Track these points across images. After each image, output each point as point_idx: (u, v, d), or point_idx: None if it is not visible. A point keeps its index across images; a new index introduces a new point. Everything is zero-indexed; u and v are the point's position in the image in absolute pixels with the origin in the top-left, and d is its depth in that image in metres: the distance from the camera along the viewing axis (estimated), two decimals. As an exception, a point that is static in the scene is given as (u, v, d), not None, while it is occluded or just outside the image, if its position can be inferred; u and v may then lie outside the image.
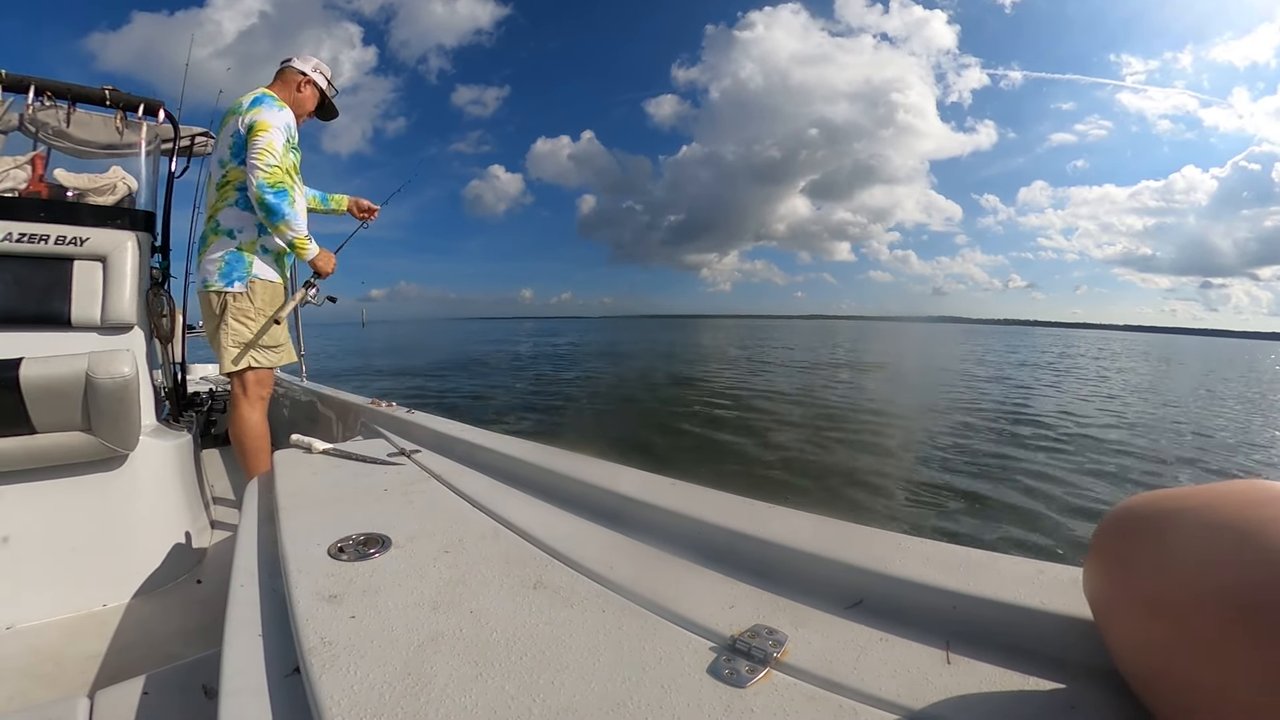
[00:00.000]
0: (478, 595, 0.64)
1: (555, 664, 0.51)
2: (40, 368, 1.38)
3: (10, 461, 1.45)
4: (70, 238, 1.84)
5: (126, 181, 2.03)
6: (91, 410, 1.44)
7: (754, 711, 0.43)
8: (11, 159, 1.99)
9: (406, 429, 1.53)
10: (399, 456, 1.26)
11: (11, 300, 1.81)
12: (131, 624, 1.47)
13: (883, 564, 0.58)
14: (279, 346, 1.98)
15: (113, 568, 1.57)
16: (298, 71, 2.07)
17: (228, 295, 1.89)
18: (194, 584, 1.63)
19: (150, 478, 1.65)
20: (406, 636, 0.56)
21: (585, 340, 37.09)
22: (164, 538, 1.66)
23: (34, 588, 1.49)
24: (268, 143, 1.82)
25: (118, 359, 1.42)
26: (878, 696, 0.43)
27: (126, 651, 1.37)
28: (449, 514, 0.93)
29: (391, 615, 0.60)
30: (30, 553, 1.50)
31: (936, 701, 0.41)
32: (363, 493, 1.04)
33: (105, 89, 2.11)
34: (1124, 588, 0.38)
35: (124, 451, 1.56)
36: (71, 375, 1.39)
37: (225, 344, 1.89)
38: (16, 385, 1.36)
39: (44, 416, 1.42)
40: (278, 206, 1.82)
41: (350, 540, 0.80)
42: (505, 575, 0.69)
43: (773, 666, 0.48)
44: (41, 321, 1.80)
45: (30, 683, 1.27)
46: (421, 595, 0.65)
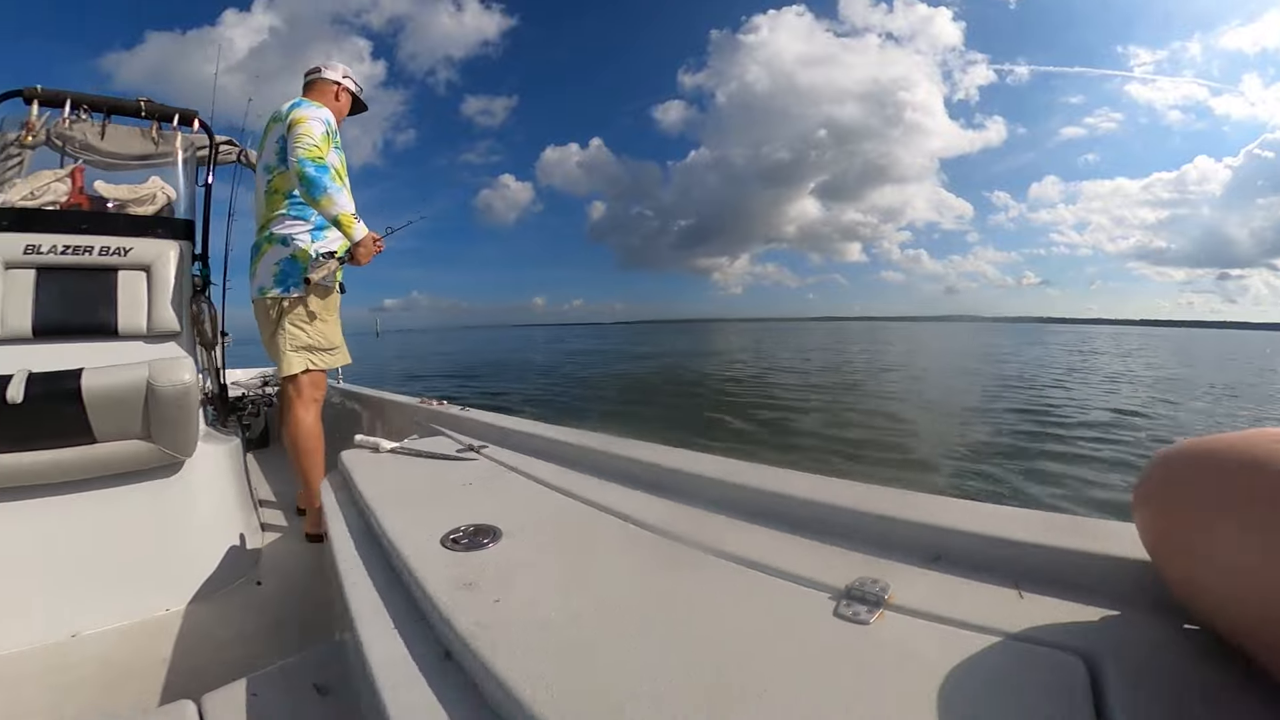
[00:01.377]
0: (603, 574, 0.67)
1: (695, 626, 0.55)
2: (101, 378, 1.39)
3: (71, 471, 1.46)
4: (114, 248, 1.85)
5: (165, 191, 2.04)
6: (152, 418, 1.44)
7: (882, 644, 0.50)
8: (50, 172, 2.01)
9: (465, 426, 1.54)
10: (468, 452, 1.26)
11: (59, 312, 1.82)
12: (195, 628, 1.48)
13: (957, 523, 0.65)
14: (335, 349, 2.00)
15: (172, 573, 1.57)
16: (330, 81, 2.12)
17: (284, 301, 1.91)
18: (253, 586, 1.64)
19: (205, 483, 1.66)
20: (553, 616, 0.58)
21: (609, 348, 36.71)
22: (220, 541, 1.66)
23: (96, 596, 1.49)
24: (307, 129, 1.86)
25: (178, 366, 1.42)
26: (973, 623, 0.51)
27: (193, 656, 1.37)
28: (543, 502, 0.94)
29: (531, 597, 0.62)
30: (91, 561, 1.51)
31: (1022, 628, 0.50)
32: (449, 487, 1.04)
33: (140, 100, 2.12)
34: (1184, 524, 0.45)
35: (182, 458, 1.56)
36: (133, 384, 1.40)
37: (284, 348, 1.91)
38: (79, 396, 1.37)
39: (104, 425, 1.42)
40: (318, 179, 1.81)
41: (460, 531, 0.80)
42: (621, 555, 0.73)
43: (885, 608, 0.55)
44: (89, 332, 1.81)
45: (100, 691, 1.27)
46: (550, 578, 0.67)
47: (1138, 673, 0.43)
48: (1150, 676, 0.42)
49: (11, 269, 1.86)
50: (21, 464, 1.41)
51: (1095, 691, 0.41)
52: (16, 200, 1.92)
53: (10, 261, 1.86)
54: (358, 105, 2.21)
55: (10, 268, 1.86)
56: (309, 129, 1.86)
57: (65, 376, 1.37)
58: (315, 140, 1.85)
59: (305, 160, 1.81)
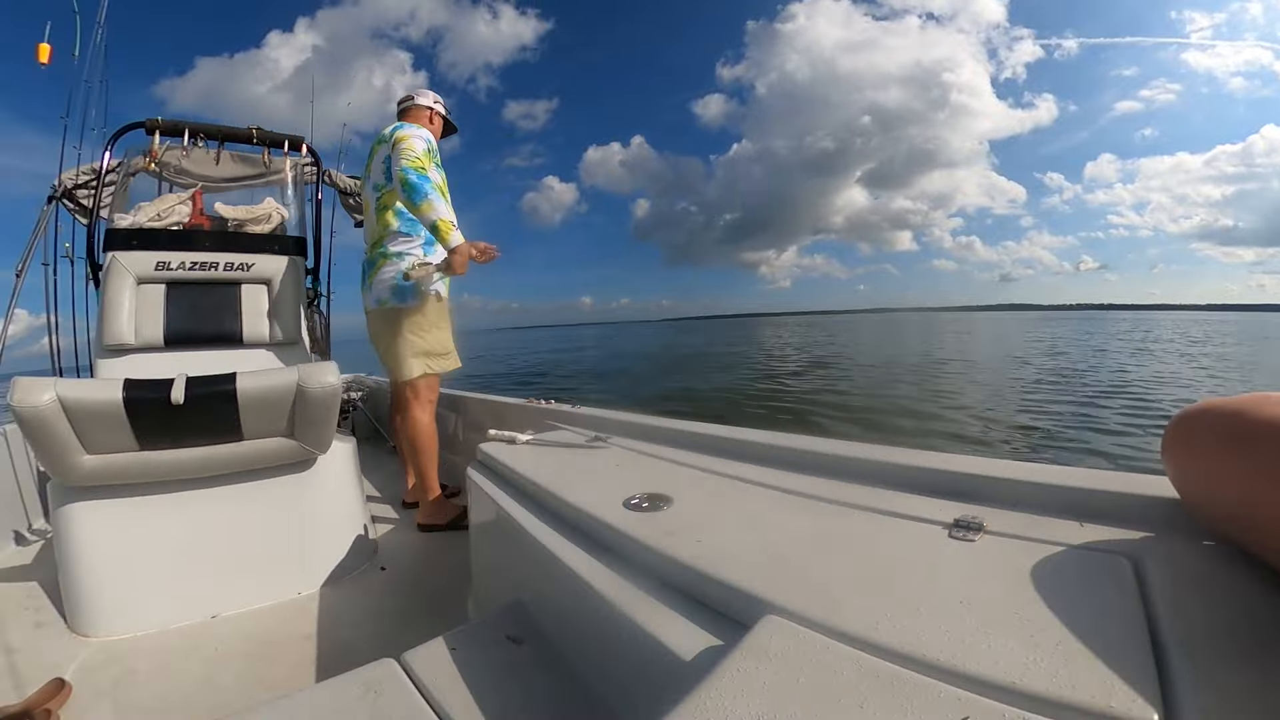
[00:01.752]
0: (771, 524, 0.82)
1: (853, 548, 0.73)
2: (254, 381, 1.53)
3: (219, 466, 1.60)
4: (238, 264, 2.01)
5: (280, 211, 2.22)
6: (297, 417, 1.58)
7: (985, 553, 0.67)
8: (175, 196, 2.19)
9: (580, 420, 1.66)
10: (596, 441, 1.37)
11: (189, 322, 1.99)
12: (328, 609, 1.60)
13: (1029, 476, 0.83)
14: (448, 354, 2.14)
15: (305, 560, 1.70)
16: (423, 107, 2.28)
17: (402, 312, 2.05)
18: (377, 571, 1.76)
19: (333, 477, 1.79)
20: (748, 545, 0.73)
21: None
22: (347, 532, 1.79)
23: (235, 581, 1.62)
24: (410, 145, 2.01)
25: (325, 370, 1.56)
26: (1050, 540, 0.68)
27: (332, 633, 1.48)
28: (690, 477, 1.06)
29: (724, 538, 0.76)
30: (231, 549, 1.64)
31: (1084, 542, 0.67)
32: (599, 468, 1.16)
33: (252, 129, 2.31)
34: (1200, 464, 0.62)
35: (318, 454, 1.70)
36: (284, 387, 1.54)
37: (404, 354, 2.05)
38: (234, 397, 1.51)
39: (253, 424, 1.56)
40: (420, 185, 1.93)
41: (637, 498, 0.91)
42: (778, 511, 0.87)
43: (984, 533, 0.71)
44: (216, 340, 1.97)
45: (248, 663, 1.37)
46: (732, 525, 0.81)
47: (1168, 566, 0.59)
48: (1176, 568, 0.59)
49: (144, 284, 2.04)
50: (178, 459, 1.54)
51: (1139, 579, 0.58)
52: (145, 222, 2.11)
53: (142, 277, 2.04)
54: (449, 128, 2.37)
55: (143, 283, 2.04)
56: (411, 145, 2.01)
57: (222, 380, 1.51)
58: (418, 154, 2.00)
59: (408, 169, 1.95)
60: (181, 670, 1.35)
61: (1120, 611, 0.52)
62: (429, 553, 1.91)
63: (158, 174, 2.34)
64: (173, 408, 1.47)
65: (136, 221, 2.10)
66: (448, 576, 1.71)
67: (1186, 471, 0.65)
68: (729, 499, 0.94)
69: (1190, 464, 0.64)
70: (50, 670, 1.28)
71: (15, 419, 1.38)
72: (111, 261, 2.02)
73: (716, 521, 0.83)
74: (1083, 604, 0.55)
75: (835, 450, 1.06)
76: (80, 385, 1.45)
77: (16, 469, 2.18)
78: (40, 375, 1.53)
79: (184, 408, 1.48)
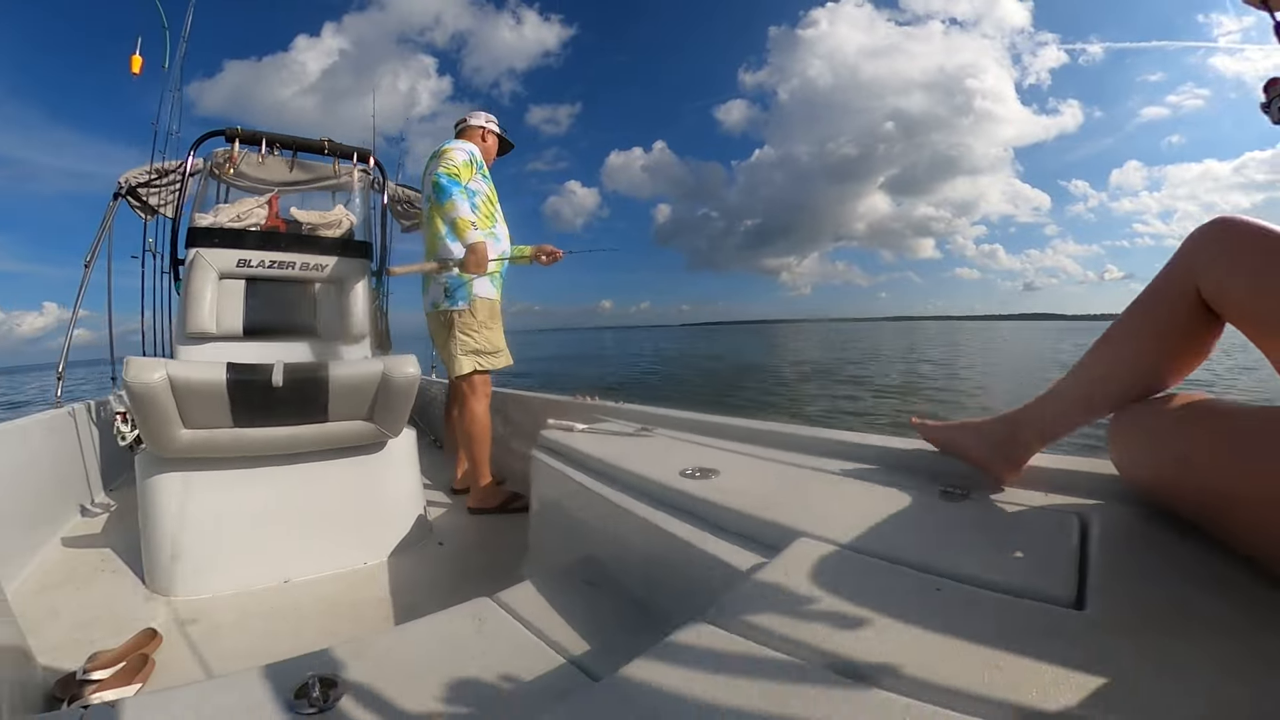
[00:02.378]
0: (805, 487, 1.05)
1: (865, 502, 0.93)
2: (343, 369, 1.71)
3: (304, 445, 1.77)
4: (313, 264, 2.21)
5: (349, 217, 2.41)
6: (378, 403, 1.76)
7: (970, 508, 0.87)
8: (253, 199, 2.39)
9: (625, 414, 1.83)
10: (644, 431, 1.54)
11: (266, 315, 2.18)
12: (393, 576, 1.74)
13: None
14: (499, 352, 2.32)
15: (372, 533, 1.87)
16: (476, 126, 2.49)
17: (454, 313, 2.24)
18: (436, 546, 1.93)
19: (401, 459, 1.97)
20: (785, 505, 0.93)
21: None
22: (410, 509, 1.96)
23: (307, 549, 1.75)
24: (450, 156, 2.22)
25: (407, 362, 1.74)
26: (1019, 503, 0.87)
27: (400, 596, 1.62)
28: (730, 456, 1.26)
29: (770, 496, 0.97)
30: (305, 520, 1.79)
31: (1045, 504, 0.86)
32: (652, 450, 1.33)
33: (324, 140, 2.52)
34: (1130, 450, 0.81)
35: (392, 437, 1.87)
36: (370, 375, 1.72)
37: (456, 353, 2.24)
38: (326, 384, 1.68)
39: (339, 408, 1.73)
40: (447, 186, 2.13)
41: (689, 470, 1.10)
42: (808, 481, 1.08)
43: (969, 498, 0.90)
44: (293, 332, 2.16)
45: (329, 620, 1.50)
46: (772, 487, 1.03)
47: (1105, 520, 0.77)
48: (1111, 521, 0.77)
49: (225, 279, 2.23)
50: (267, 436, 1.71)
51: (1082, 526, 0.75)
52: (225, 222, 2.30)
53: (224, 272, 2.23)
54: (505, 145, 2.57)
55: (224, 278, 2.23)
56: (452, 156, 2.22)
57: (315, 367, 1.70)
58: (455, 163, 2.20)
59: (440, 173, 2.15)
60: (262, 625, 1.48)
61: (1060, 543, 0.72)
62: (481, 533, 2.07)
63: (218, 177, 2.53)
64: (270, 389, 1.64)
65: (218, 221, 2.30)
66: (501, 553, 1.87)
67: (1120, 454, 0.84)
68: (768, 472, 1.13)
69: (1123, 451, 0.83)
70: (138, 624, 1.37)
71: (127, 393, 1.55)
72: (195, 257, 2.21)
73: (758, 485, 1.02)
74: (1037, 537, 0.75)
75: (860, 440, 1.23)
76: (188, 366, 1.61)
77: (82, 446, 2.35)
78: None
79: (280, 390, 1.65)
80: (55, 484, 2.11)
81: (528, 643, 0.91)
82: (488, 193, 2.34)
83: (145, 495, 1.67)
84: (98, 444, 2.46)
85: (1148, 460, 0.78)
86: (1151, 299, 0.79)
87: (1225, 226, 0.71)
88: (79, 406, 2.40)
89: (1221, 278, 0.70)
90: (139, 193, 2.98)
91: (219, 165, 2.47)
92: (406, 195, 3.27)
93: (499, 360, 2.32)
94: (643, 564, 1.03)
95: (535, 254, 2.60)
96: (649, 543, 0.97)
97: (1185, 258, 0.74)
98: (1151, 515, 0.77)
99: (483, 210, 2.32)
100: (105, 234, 2.86)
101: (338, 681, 0.79)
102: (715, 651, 0.55)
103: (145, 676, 1.20)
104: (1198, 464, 0.68)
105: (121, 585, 1.65)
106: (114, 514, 2.21)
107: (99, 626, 1.42)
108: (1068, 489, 0.90)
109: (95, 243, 2.82)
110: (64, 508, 2.13)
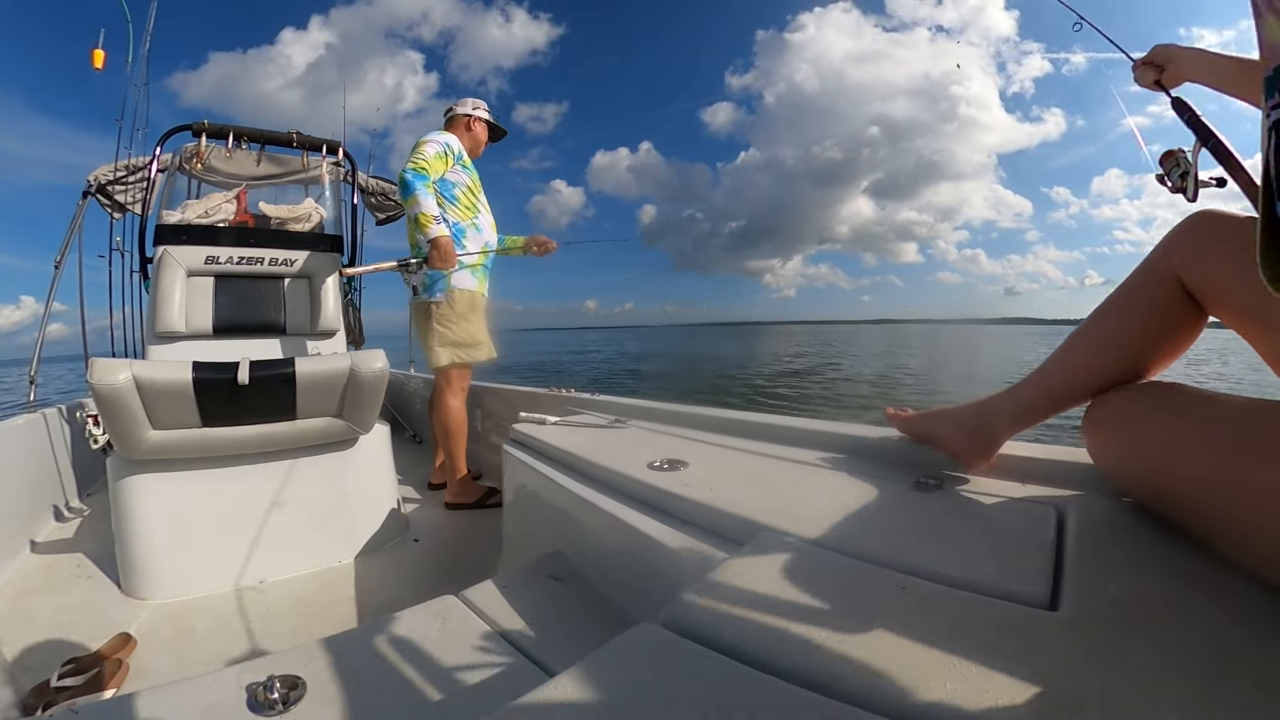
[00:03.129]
0: (769, 479, 1.05)
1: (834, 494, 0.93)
2: (311, 365, 1.69)
3: (273, 443, 1.75)
4: (282, 259, 2.18)
5: (318, 210, 2.38)
6: (347, 399, 1.74)
7: (942, 499, 0.87)
8: (221, 194, 2.35)
9: (600, 406, 1.83)
10: (617, 423, 1.54)
11: (236, 312, 2.15)
12: (368, 575, 1.74)
13: None
14: (478, 345, 2.30)
15: (345, 531, 1.86)
16: (461, 115, 2.45)
17: (432, 304, 2.22)
18: (411, 543, 1.93)
19: (372, 456, 1.95)
20: (750, 498, 0.92)
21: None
22: (383, 506, 1.95)
23: (281, 549, 1.75)
24: (420, 149, 2.19)
25: (375, 357, 1.73)
26: (994, 494, 0.87)
27: (374, 594, 1.62)
28: (699, 448, 1.26)
29: (732, 486, 0.97)
30: (278, 520, 1.77)
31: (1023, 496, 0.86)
32: (623, 442, 1.33)
33: (292, 133, 2.47)
34: (1106, 440, 0.80)
35: (362, 433, 1.86)
36: (338, 371, 1.70)
37: (433, 345, 2.22)
38: (293, 380, 1.67)
39: (307, 405, 1.72)
40: (409, 182, 2.11)
41: (659, 462, 1.10)
42: (773, 470, 1.09)
43: (942, 489, 0.90)
44: (261, 330, 2.14)
45: (303, 621, 1.50)
46: (738, 479, 1.03)
47: (1082, 513, 0.76)
48: (1090, 514, 0.76)
49: (194, 276, 2.20)
50: (236, 436, 1.69)
51: (1059, 522, 0.74)
52: (193, 218, 2.27)
53: (192, 270, 2.20)
54: (498, 132, 2.53)
55: (192, 275, 2.20)
56: (422, 150, 2.19)
57: (282, 363, 1.67)
58: (424, 157, 2.17)
59: (405, 169, 2.13)
60: (237, 627, 1.48)
61: (1035, 538, 0.70)
62: (457, 528, 2.07)
63: (188, 173, 2.49)
64: (236, 388, 1.62)
65: (185, 218, 2.26)
66: (476, 549, 1.87)
67: (1097, 448, 0.83)
68: (739, 463, 1.14)
69: (1099, 441, 0.83)
70: (113, 629, 1.37)
71: (93, 395, 1.54)
72: (163, 254, 2.18)
73: (724, 477, 1.02)
74: (1011, 531, 0.73)
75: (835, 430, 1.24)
76: (153, 366, 1.59)
77: (55, 451, 2.32)
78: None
79: (247, 388, 1.63)
80: (29, 490, 2.08)
81: (489, 640, 0.91)
82: (469, 183, 2.31)
83: (117, 498, 1.66)
84: (71, 447, 2.43)
85: (1124, 450, 0.77)
86: (1137, 282, 0.79)
87: (1206, 219, 0.72)
88: (51, 411, 2.37)
89: (1203, 268, 0.70)
90: (108, 190, 2.93)
91: (187, 160, 2.44)
92: (381, 187, 3.22)
93: (478, 353, 2.30)
94: (607, 559, 1.03)
95: (528, 244, 2.58)
96: (614, 538, 0.97)
97: (1167, 249, 0.74)
98: (1130, 508, 0.76)
99: (463, 201, 2.29)
100: (75, 233, 2.82)
101: (298, 682, 0.79)
102: (663, 653, 0.53)
103: (119, 681, 1.19)
104: (1178, 456, 0.66)
105: (96, 590, 1.64)
106: (89, 518, 2.18)
107: (74, 632, 1.41)
108: (1046, 479, 0.89)
109: (65, 242, 2.77)
110: (38, 513, 2.10)
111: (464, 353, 2.26)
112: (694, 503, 0.91)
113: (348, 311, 2.33)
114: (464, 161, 2.31)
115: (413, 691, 0.78)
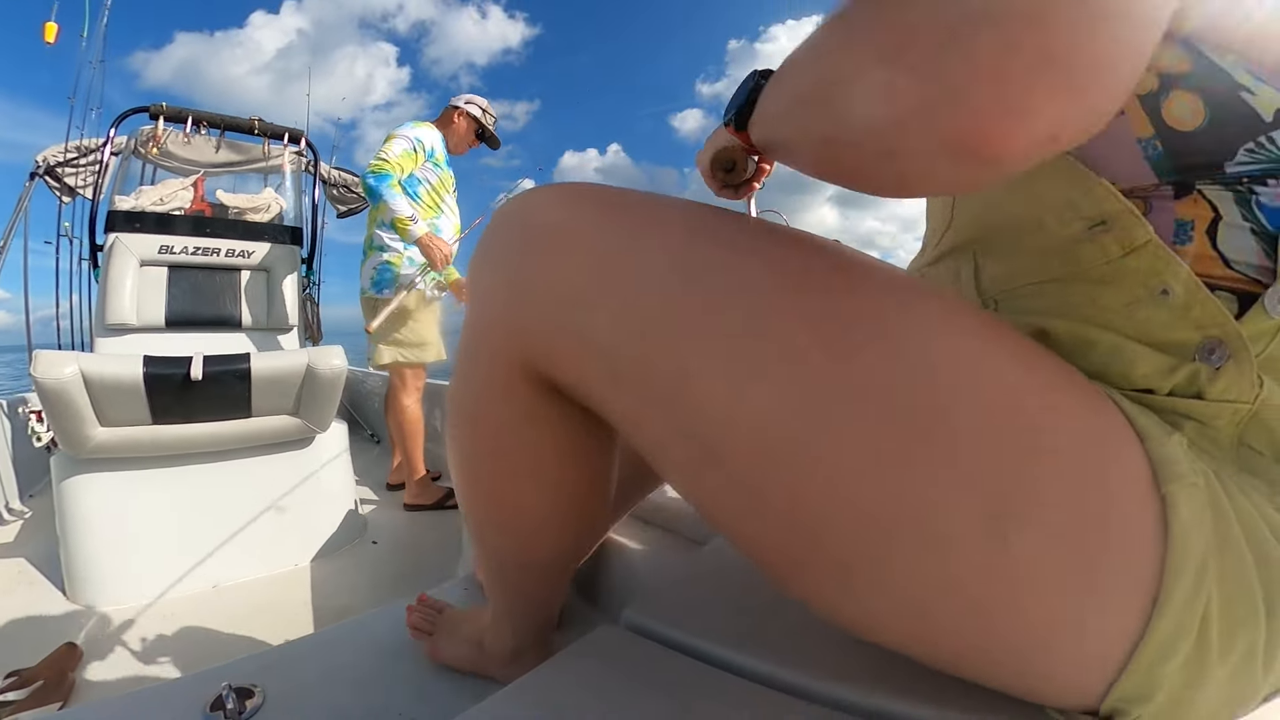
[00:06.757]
0: None
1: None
2: (266, 361, 1.65)
3: (227, 442, 1.70)
4: (239, 250, 2.12)
5: (278, 201, 2.32)
6: (304, 396, 1.70)
7: None
8: (178, 182, 2.28)
9: None
10: None
11: (189, 305, 2.08)
12: (324, 579, 1.70)
13: None
14: (425, 345, 2.22)
15: (301, 534, 1.81)
16: (452, 107, 2.33)
17: (378, 300, 2.15)
18: (369, 545, 1.90)
19: (329, 456, 1.91)
20: None
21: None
22: (341, 507, 1.91)
23: (235, 552, 1.69)
24: (387, 145, 2.09)
25: (332, 353, 1.69)
26: None
27: (332, 599, 1.59)
28: None
29: None
30: (234, 520, 1.72)
31: None
32: None
33: (254, 120, 2.41)
34: None
35: (319, 432, 1.82)
36: (294, 367, 1.66)
37: (375, 341, 2.15)
38: (248, 376, 1.62)
39: (262, 403, 1.67)
40: (375, 188, 2.02)
41: None
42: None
43: None
44: (216, 323, 2.08)
45: (257, 627, 1.46)
46: None
47: None
48: None
49: (146, 265, 2.13)
50: (187, 434, 1.64)
51: None
52: (148, 206, 2.19)
53: (145, 259, 2.12)
54: (491, 140, 2.43)
55: (145, 265, 2.13)
56: (388, 146, 2.09)
57: (237, 359, 1.63)
58: (387, 155, 2.05)
59: (366, 172, 2.04)
60: (188, 634, 1.43)
61: None
62: (415, 530, 2.05)
63: (143, 157, 2.41)
64: (189, 384, 1.56)
65: (139, 205, 2.18)
66: (436, 551, 1.85)
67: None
68: None
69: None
70: (60, 637, 1.31)
71: (36, 389, 1.47)
72: (115, 242, 2.10)
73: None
74: None
75: None
76: (101, 360, 1.53)
77: None
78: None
79: (200, 384, 1.58)
80: None
81: None
82: (435, 182, 2.21)
83: (62, 499, 1.59)
84: (12, 446, 2.31)
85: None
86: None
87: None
88: None
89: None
90: (57, 172, 2.81)
91: (143, 144, 2.35)
92: (344, 179, 3.15)
93: (425, 354, 2.23)
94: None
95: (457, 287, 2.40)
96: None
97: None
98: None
99: (425, 200, 2.18)
100: (21, 216, 2.69)
101: (254, 691, 0.78)
102: (625, 655, 0.53)
103: (66, 694, 1.14)
104: None
105: (40, 597, 1.57)
106: (31, 520, 2.09)
107: (17, 643, 1.35)
108: None
109: (10, 225, 2.65)
110: None
111: (409, 352, 2.19)
112: (655, 503, 0.92)
113: (306, 306, 2.28)
114: (436, 159, 2.22)
115: (373, 698, 0.78)
